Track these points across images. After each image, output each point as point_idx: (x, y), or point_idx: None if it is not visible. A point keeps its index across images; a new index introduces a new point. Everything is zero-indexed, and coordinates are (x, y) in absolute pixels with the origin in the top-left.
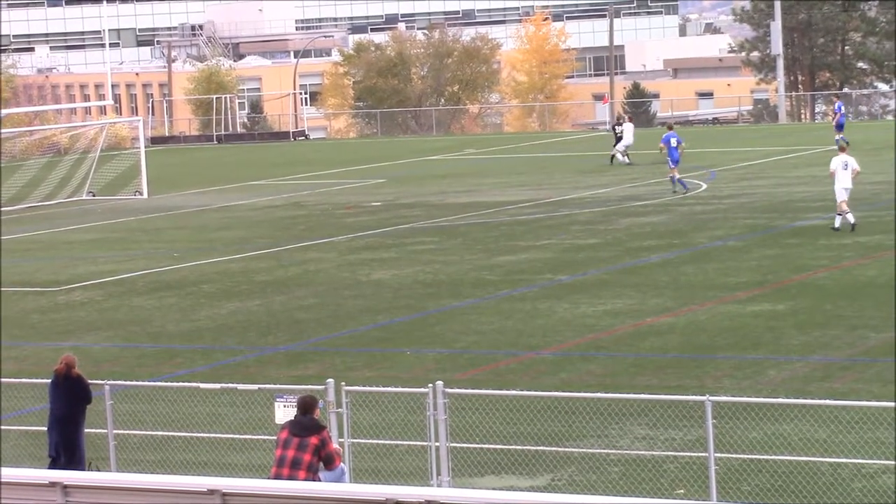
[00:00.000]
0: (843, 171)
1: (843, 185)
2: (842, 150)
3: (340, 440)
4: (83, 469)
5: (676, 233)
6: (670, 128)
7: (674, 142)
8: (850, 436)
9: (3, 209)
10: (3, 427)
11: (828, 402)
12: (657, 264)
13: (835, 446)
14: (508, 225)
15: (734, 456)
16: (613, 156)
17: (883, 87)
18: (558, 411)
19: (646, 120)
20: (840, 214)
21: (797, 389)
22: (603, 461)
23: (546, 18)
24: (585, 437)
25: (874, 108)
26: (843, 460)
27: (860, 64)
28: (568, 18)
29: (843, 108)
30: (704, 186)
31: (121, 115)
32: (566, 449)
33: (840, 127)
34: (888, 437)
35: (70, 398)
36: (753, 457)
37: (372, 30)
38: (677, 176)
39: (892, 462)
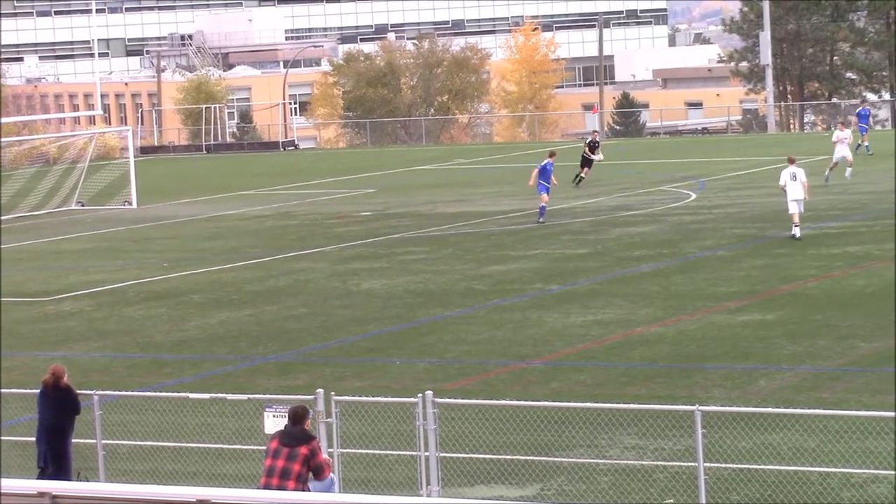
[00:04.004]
0: (793, 183)
1: (793, 198)
2: (790, 161)
3: (330, 450)
4: (70, 479)
5: (666, 243)
6: (552, 155)
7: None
8: (839, 445)
9: None
10: None
11: (817, 411)
12: (647, 274)
13: (824, 456)
14: (498, 235)
15: (724, 466)
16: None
17: (872, 97)
18: (548, 421)
19: (635, 130)
20: (797, 225)
21: (787, 399)
22: (592, 471)
23: (535, 28)
24: (575, 447)
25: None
26: (833, 470)
27: (849, 74)
28: (557, 28)
29: (867, 112)
30: (694, 196)
31: (110, 124)
32: (556, 459)
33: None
34: (877, 446)
35: (58, 409)
36: (743, 466)
37: (361, 40)
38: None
39: (882, 472)
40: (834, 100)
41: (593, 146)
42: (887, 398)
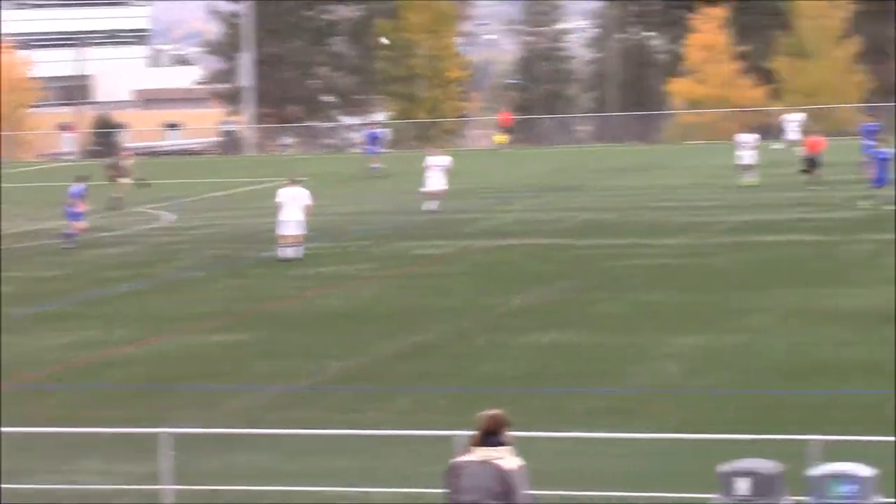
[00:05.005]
0: (291, 203)
1: (286, 218)
2: (292, 182)
3: None
4: None
5: (144, 263)
6: (82, 178)
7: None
8: (302, 463)
9: None
10: None
11: (285, 431)
12: (124, 295)
13: (284, 474)
14: None
15: (191, 487)
16: None
17: (348, 120)
18: (11, 448)
19: (113, 150)
20: (283, 247)
21: (258, 419)
22: (56, 497)
23: (11, 46)
24: (38, 473)
25: (339, 141)
26: (295, 488)
27: (327, 97)
28: (35, 47)
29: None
30: (172, 217)
31: None
32: (16, 486)
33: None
34: (341, 465)
35: None
36: (211, 488)
37: None
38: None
39: (349, 489)
40: (311, 122)
41: (118, 167)
42: (356, 416)
